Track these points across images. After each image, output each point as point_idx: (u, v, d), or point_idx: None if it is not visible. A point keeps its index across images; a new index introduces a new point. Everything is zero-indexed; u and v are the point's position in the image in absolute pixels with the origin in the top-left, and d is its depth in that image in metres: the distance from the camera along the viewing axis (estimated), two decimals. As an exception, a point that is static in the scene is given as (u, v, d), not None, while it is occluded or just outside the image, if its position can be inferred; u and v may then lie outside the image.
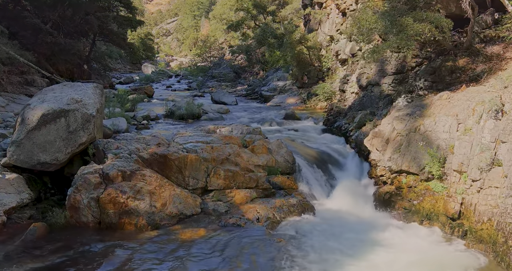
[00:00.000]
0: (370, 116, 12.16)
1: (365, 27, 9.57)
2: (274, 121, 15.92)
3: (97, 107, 9.46)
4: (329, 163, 11.56)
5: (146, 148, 9.54)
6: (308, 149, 12.27)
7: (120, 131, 12.77)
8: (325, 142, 13.03)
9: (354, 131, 12.10)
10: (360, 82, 13.59)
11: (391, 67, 12.41)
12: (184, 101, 17.07)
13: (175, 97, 24.72)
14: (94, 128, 9.16)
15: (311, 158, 11.58)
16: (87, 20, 26.97)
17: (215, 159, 9.60)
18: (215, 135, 10.53)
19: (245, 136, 10.77)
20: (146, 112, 16.31)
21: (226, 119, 17.04)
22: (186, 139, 10.04)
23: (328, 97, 19.98)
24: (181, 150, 9.40)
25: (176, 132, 10.88)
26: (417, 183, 8.68)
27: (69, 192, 8.36)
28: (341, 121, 13.71)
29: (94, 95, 9.80)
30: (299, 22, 31.87)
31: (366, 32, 9.68)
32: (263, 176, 9.93)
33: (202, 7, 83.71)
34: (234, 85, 33.79)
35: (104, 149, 9.40)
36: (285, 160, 10.78)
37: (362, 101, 13.16)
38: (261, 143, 10.69)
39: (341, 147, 12.48)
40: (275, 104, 22.20)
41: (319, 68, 23.55)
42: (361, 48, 15.76)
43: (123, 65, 58.13)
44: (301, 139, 13.39)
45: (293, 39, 22.30)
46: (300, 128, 14.94)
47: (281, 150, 10.95)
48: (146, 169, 9.02)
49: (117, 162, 8.91)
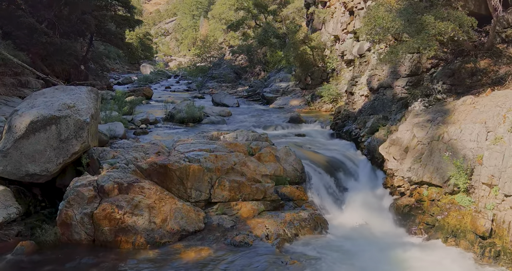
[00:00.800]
0: (383, 121, 11.44)
1: (380, 26, 8.84)
2: (279, 125, 15.20)
3: (92, 113, 8.73)
4: (340, 170, 10.84)
5: (144, 157, 8.81)
6: (317, 155, 11.55)
7: (117, 137, 12.04)
8: (334, 147, 12.31)
9: (366, 137, 11.38)
10: (370, 84, 12.87)
11: (405, 69, 11.69)
12: (185, 104, 16.34)
13: (174, 99, 24.00)
14: (88, 136, 8.43)
15: (320, 165, 10.85)
16: (84, 20, 26.18)
17: (220, 168, 8.87)
18: (219, 142, 9.79)
19: (251, 143, 10.04)
20: (145, 115, 15.58)
21: (229, 123, 16.31)
22: (187, 146, 9.30)
23: (334, 99, 19.27)
24: (183, 159, 8.67)
25: (177, 139, 10.15)
26: (441, 196, 7.96)
27: (60, 206, 7.63)
28: (351, 126, 12.98)
29: (89, 99, 9.06)
30: (301, 21, 31.17)
31: (382, 32, 8.95)
32: (271, 187, 9.21)
33: (201, 7, 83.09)
34: (235, 86, 33.05)
35: (99, 158, 8.66)
36: (293, 169, 10.06)
37: (373, 104, 12.44)
38: (268, 150, 9.96)
39: (352, 153, 11.76)
40: (278, 106, 21.47)
41: (323, 69, 22.83)
42: (370, 49, 15.04)
43: (121, 65, 57.37)
44: (309, 144, 12.67)
45: (296, 39, 21.59)
46: (306, 132, 14.22)
47: (289, 157, 10.23)
48: (145, 181, 8.29)
49: (113, 172, 8.18)
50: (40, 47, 23.37)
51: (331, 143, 13.00)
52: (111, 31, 30.10)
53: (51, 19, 24.59)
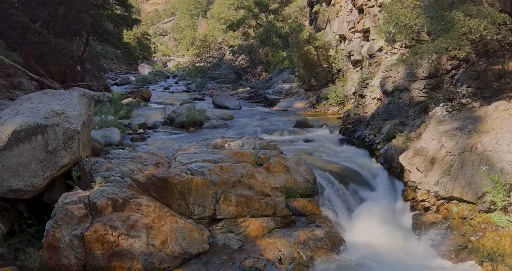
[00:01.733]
0: (400, 127, 10.60)
1: (402, 24, 7.98)
2: (285, 130, 14.34)
3: (83, 120, 7.86)
4: (354, 181, 9.99)
5: (142, 169, 7.94)
6: (328, 164, 10.70)
7: (112, 144, 11.18)
8: (346, 155, 11.45)
9: (381, 145, 10.54)
10: (384, 87, 12.03)
11: (423, 71, 10.85)
12: (185, 107, 15.48)
13: (173, 101, 23.13)
14: (79, 146, 7.56)
15: (333, 175, 10.00)
16: (80, 19, 25.27)
17: (225, 182, 8.00)
18: (224, 151, 8.93)
19: (258, 152, 9.18)
20: (143, 119, 14.70)
21: (231, 127, 15.45)
22: (190, 157, 8.44)
23: (340, 101, 18.43)
24: (185, 171, 7.80)
25: (177, 148, 9.28)
26: (474, 214, 7.11)
27: (47, 226, 6.77)
28: (363, 131, 12.13)
29: (80, 105, 8.20)
30: (303, 20, 30.32)
31: (405, 30, 8.09)
32: (281, 201, 8.35)
33: (199, 7, 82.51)
34: (235, 87, 32.17)
35: (91, 170, 7.79)
36: (305, 180, 9.21)
37: (388, 109, 11.60)
38: (278, 160, 9.10)
39: (366, 162, 10.91)
40: (281, 108, 20.61)
41: (328, 69, 21.99)
42: (381, 49, 14.19)
43: (119, 65, 56.49)
44: (318, 151, 11.82)
45: (301, 39, 20.72)
46: (315, 138, 13.36)
47: (300, 167, 9.37)
48: (143, 196, 7.42)
49: (106, 187, 7.31)
50: (34, 47, 22.48)
51: (342, 149, 12.14)
52: (108, 30, 29.18)
53: (45, 18, 23.70)
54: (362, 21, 15.59)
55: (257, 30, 35.76)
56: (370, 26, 15.24)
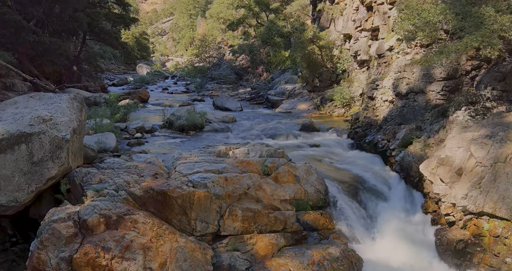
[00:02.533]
0: (416, 132, 9.86)
1: (426, 21, 7.24)
2: (290, 134, 13.59)
3: (74, 127, 7.11)
4: (369, 191, 9.26)
5: (138, 180, 7.19)
6: (339, 172, 9.97)
7: (107, 150, 10.42)
8: (357, 161, 10.72)
9: (397, 151, 9.80)
10: (397, 89, 11.29)
11: (440, 71, 10.12)
12: (184, 110, 14.72)
13: (172, 102, 22.40)
14: (68, 156, 6.81)
15: (345, 184, 9.28)
16: (76, 18, 24.48)
17: (231, 194, 7.26)
18: (228, 160, 8.17)
19: (265, 160, 8.43)
20: (140, 122, 13.94)
21: (233, 131, 14.69)
22: (191, 166, 7.68)
23: (346, 103, 17.69)
24: (186, 183, 7.06)
25: (177, 156, 8.52)
26: (509, 232, 6.38)
27: (32, 247, 6.01)
28: (375, 136, 11.39)
29: (70, 110, 7.45)
30: (305, 19, 29.60)
31: (428, 27, 7.35)
32: (291, 215, 7.62)
33: (198, 6, 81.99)
34: (236, 87, 31.40)
35: (82, 183, 7.04)
36: (316, 190, 8.47)
37: (402, 112, 10.86)
38: (287, 169, 8.36)
39: (380, 169, 10.18)
40: (284, 110, 19.86)
41: (332, 70, 21.25)
42: (392, 48, 13.46)
43: (117, 65, 55.75)
44: (327, 157, 11.08)
45: (304, 38, 19.98)
46: (322, 143, 12.62)
47: (310, 176, 8.63)
48: (139, 212, 6.67)
49: (99, 202, 6.57)
50: (27, 47, 21.72)
51: (352, 155, 11.40)
52: (105, 29, 28.40)
53: (39, 16, 22.89)
54: (371, 19, 14.87)
55: (258, 30, 35.02)
56: (379, 25, 14.52)
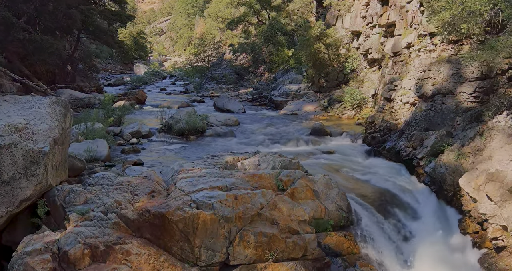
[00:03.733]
0: (447, 138, 8.74)
1: (471, 11, 6.12)
2: (300, 139, 12.45)
3: (55, 137, 5.96)
4: (396, 207, 8.14)
5: (132, 200, 6.04)
6: (360, 183, 8.86)
7: (98, 159, 9.28)
8: (379, 171, 9.60)
9: (426, 161, 8.67)
10: (421, 90, 10.17)
11: (472, 71, 8.99)
12: (184, 112, 13.58)
13: (171, 103, 21.26)
14: (47, 172, 5.66)
15: (369, 199, 8.17)
16: (69, 14, 23.27)
17: (241, 216, 6.12)
18: (237, 174, 7.03)
19: (280, 173, 7.29)
20: (136, 126, 12.78)
21: (237, 135, 13.55)
22: (194, 182, 6.53)
23: (357, 105, 16.57)
24: (188, 204, 5.92)
25: (178, 168, 7.37)
26: None
27: (0, 286, 4.88)
28: (396, 142, 10.26)
29: (51, 116, 6.29)
30: (308, 16, 28.48)
31: (474, 18, 6.23)
32: (312, 239, 6.49)
33: (196, 5, 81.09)
34: (237, 88, 30.26)
35: (64, 203, 5.89)
36: (337, 207, 7.33)
37: (427, 116, 9.73)
38: (304, 183, 7.22)
39: (405, 181, 9.05)
40: (290, 112, 18.72)
41: (339, 69, 20.12)
42: (410, 45, 12.33)
43: (114, 65, 54.54)
44: (345, 166, 9.96)
45: (311, 36, 18.85)
46: (336, 149, 11.49)
47: (331, 191, 7.49)
48: (132, 240, 5.54)
49: (84, 228, 5.44)
50: (17, 45, 20.54)
51: (371, 164, 10.29)
52: (100, 27, 27.21)
53: (31, 13, 21.70)
54: (386, 14, 13.75)
55: (259, 28, 33.90)
56: (396, 20, 13.39)
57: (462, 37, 9.16)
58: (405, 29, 13.07)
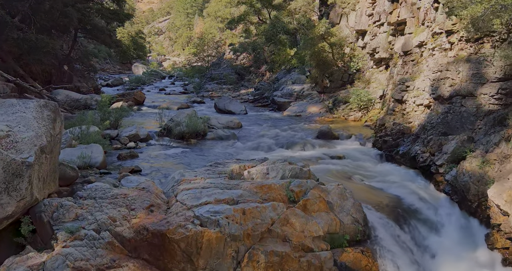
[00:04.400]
0: (469, 144, 8.12)
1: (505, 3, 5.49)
2: (307, 142, 11.82)
3: (42, 145, 5.33)
4: (414, 218, 7.52)
5: (128, 216, 5.40)
6: (374, 192, 8.23)
7: (93, 165, 8.66)
8: (392, 178, 8.98)
9: (446, 168, 8.05)
10: (438, 91, 9.54)
11: (494, 71, 8.38)
12: (184, 114, 12.95)
13: (170, 104, 20.63)
14: (31, 185, 5.03)
15: (385, 210, 7.55)
16: (65, 13, 22.60)
17: (250, 234, 5.49)
18: (244, 184, 6.39)
19: (290, 183, 6.66)
20: (134, 129, 12.15)
21: (240, 138, 12.91)
22: (197, 194, 5.90)
23: (364, 106, 15.94)
24: (191, 220, 5.29)
25: (179, 178, 6.73)
26: None
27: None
28: (411, 147, 9.64)
29: (39, 121, 5.66)
30: (311, 15, 27.85)
31: (508, 13, 5.60)
32: (328, 258, 5.87)
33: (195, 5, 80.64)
34: (237, 88, 29.61)
35: (52, 220, 5.25)
36: (353, 220, 6.71)
37: (445, 119, 9.11)
38: (317, 194, 6.59)
39: (422, 189, 8.42)
40: (294, 114, 18.09)
41: (344, 69, 19.50)
42: (422, 44, 11.71)
43: (112, 65, 53.91)
44: (356, 172, 9.35)
45: (315, 34, 18.23)
46: (346, 153, 10.87)
47: (345, 202, 6.87)
48: (128, 262, 4.91)
49: (73, 248, 4.82)
50: (12, 44, 19.91)
51: (384, 170, 9.67)
52: (98, 26, 26.54)
53: (25, 11, 21.05)
54: (396, 11, 13.14)
55: (260, 27, 33.27)
56: (407, 17, 12.78)
57: (482, 34, 8.54)
58: (417, 27, 12.46)
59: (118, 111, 13.11)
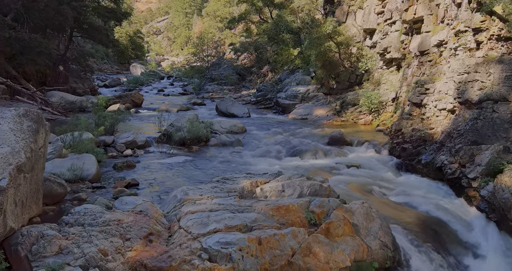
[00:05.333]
0: (505, 154, 7.25)
1: None
2: (318, 149, 10.95)
3: (19, 163, 4.45)
4: (448, 239, 6.66)
5: (122, 248, 4.52)
6: (399, 208, 7.37)
7: (85, 179, 7.79)
8: (416, 192, 8.12)
9: (481, 182, 7.17)
10: (465, 94, 8.68)
11: (532, 72, 7.51)
12: (186, 119, 12.08)
13: (169, 107, 19.77)
14: (5, 214, 4.16)
15: (415, 230, 6.69)
16: (60, 11, 21.68)
17: (268, 268, 4.63)
18: (258, 206, 5.50)
19: (310, 202, 5.78)
20: (132, 136, 11.28)
21: (246, 145, 12.04)
22: (204, 219, 5.02)
23: (375, 109, 15.07)
24: (198, 253, 4.41)
25: (182, 197, 5.84)
26: None
27: None
28: (435, 156, 8.78)
29: (17, 134, 4.78)
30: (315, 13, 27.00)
31: None
32: (358, 293, 4.99)
33: (194, 4, 79.99)
34: (238, 89, 28.73)
35: (31, 254, 4.37)
36: (381, 244, 5.84)
37: (474, 126, 8.25)
38: (341, 215, 5.72)
39: (453, 205, 7.56)
40: (300, 117, 17.22)
41: (351, 70, 18.63)
42: (442, 43, 10.86)
43: (110, 65, 52.99)
44: (376, 184, 8.48)
45: (322, 33, 17.36)
46: (361, 162, 10.01)
47: (372, 223, 6.01)
48: (122, 308, 4.02)
49: (55, 292, 3.92)
50: (3, 44, 18.97)
51: (406, 181, 8.81)
52: (94, 25, 25.64)
53: (18, 10, 20.14)
54: (412, 8, 12.27)
55: (261, 27, 32.42)
56: (424, 15, 11.90)
57: None
58: (435, 25, 11.59)
59: (114, 116, 12.20)
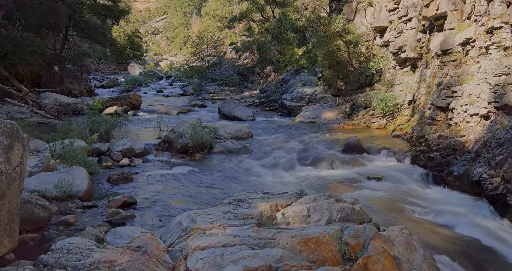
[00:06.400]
0: (559, 169, 6.29)
1: None
2: (335, 158, 9.97)
3: (-18, 192, 3.44)
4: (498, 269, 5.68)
5: (114, 300, 3.52)
6: (438, 231, 6.39)
7: (74, 196, 6.82)
8: (451, 209, 7.15)
9: (533, 201, 6.21)
10: (504, 98, 7.72)
11: None
12: (188, 124, 11.09)
13: (169, 109, 18.81)
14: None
15: (460, 259, 5.73)
16: (54, 9, 20.69)
17: None
18: (282, 239, 4.50)
19: (343, 232, 4.80)
20: (129, 143, 10.30)
21: (253, 152, 11.06)
22: (218, 259, 4.02)
23: (390, 112, 14.10)
24: (212, 309, 3.42)
25: (188, 224, 4.85)
26: None
27: None
28: (469, 168, 7.81)
29: (-18, 153, 3.78)
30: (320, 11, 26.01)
31: None
32: None
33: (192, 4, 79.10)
34: (240, 90, 27.75)
35: (-5, 312, 3.37)
36: (426, 281, 4.85)
37: (517, 134, 7.29)
38: (379, 246, 4.73)
39: (498, 226, 6.59)
40: (307, 120, 16.24)
41: (361, 70, 17.65)
42: (469, 41, 9.89)
43: (107, 65, 51.98)
44: (403, 200, 7.52)
45: (331, 31, 16.38)
46: (383, 172, 9.03)
47: (414, 255, 5.03)
48: None
49: None
50: (-7, 43, 17.99)
51: (437, 197, 7.83)
52: (91, 24, 24.64)
53: (9, 7, 19.13)
54: (434, 3, 11.29)
55: (263, 25, 31.44)
56: (448, 11, 10.93)
57: None
58: (460, 22, 10.63)
59: (109, 122, 11.20)
